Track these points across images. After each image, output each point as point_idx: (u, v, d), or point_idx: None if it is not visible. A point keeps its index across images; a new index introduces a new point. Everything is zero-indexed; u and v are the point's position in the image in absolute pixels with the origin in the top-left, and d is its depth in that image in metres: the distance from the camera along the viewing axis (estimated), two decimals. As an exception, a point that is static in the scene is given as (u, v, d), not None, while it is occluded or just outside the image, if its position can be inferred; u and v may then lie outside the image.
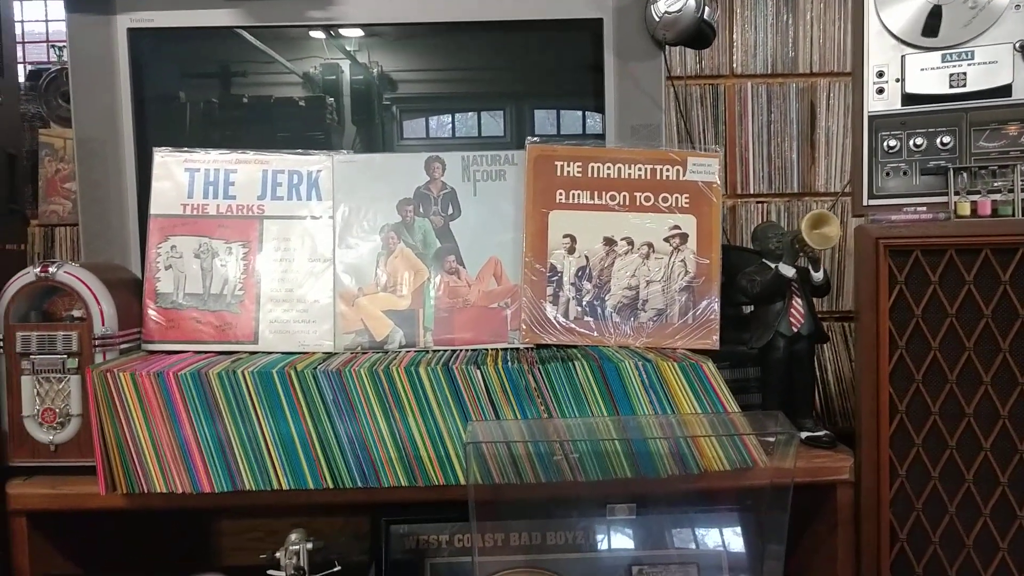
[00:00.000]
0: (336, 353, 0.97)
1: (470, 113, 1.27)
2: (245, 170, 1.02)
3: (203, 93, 1.16)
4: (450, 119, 1.27)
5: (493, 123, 1.24)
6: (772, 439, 0.86)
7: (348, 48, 1.16)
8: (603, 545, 1.04)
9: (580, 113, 1.22)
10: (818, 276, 0.96)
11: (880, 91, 0.92)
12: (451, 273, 1.01)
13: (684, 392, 0.88)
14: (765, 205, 1.44)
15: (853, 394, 1.38)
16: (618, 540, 1.04)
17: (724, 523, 1.02)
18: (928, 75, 0.91)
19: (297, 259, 1.00)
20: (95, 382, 0.85)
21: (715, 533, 1.03)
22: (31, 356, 0.89)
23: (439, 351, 0.97)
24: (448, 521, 1.06)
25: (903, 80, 0.92)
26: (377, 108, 1.18)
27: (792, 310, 0.96)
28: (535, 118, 1.21)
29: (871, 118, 0.93)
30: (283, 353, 0.97)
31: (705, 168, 1.00)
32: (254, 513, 1.18)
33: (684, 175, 1.00)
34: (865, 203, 0.94)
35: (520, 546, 1.04)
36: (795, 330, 0.96)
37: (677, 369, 0.87)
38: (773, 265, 0.96)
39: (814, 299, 0.99)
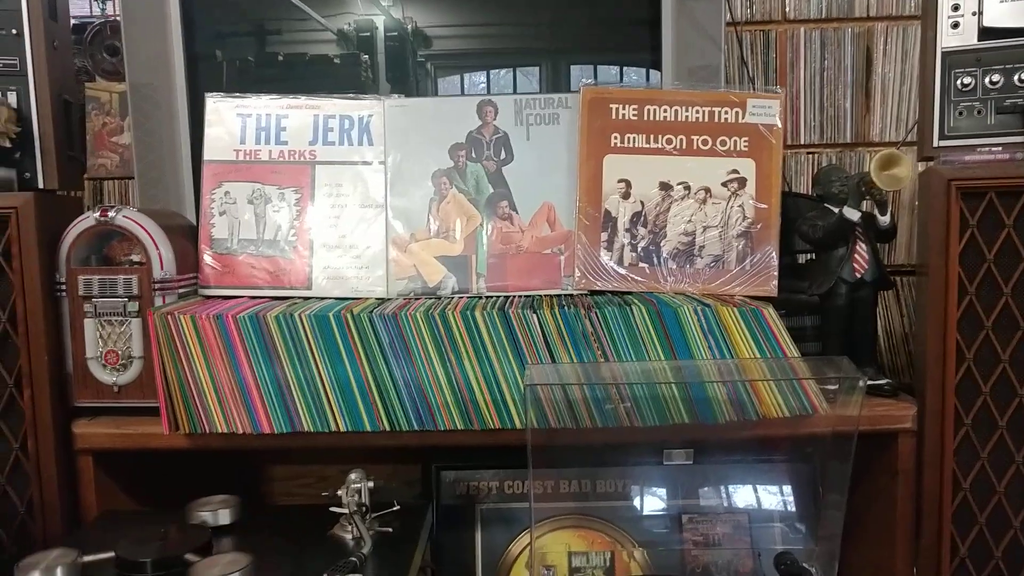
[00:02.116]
0: (389, 299, 0.97)
1: (502, 71, 1.23)
2: (296, 115, 1.01)
3: (240, 51, 1.15)
4: (484, 77, 1.23)
5: (527, 83, 1.21)
6: (834, 386, 0.84)
7: (383, 2, 1.14)
8: (654, 494, 1.04)
9: (618, 69, 1.19)
10: (885, 220, 0.93)
11: (955, 25, 0.88)
12: (504, 219, 1.00)
13: (744, 338, 0.86)
14: (816, 156, 1.40)
15: (904, 348, 1.36)
16: (669, 489, 1.04)
17: (778, 472, 1.02)
18: (1008, 7, 0.86)
19: (349, 205, 1.00)
20: (157, 324, 0.86)
21: (769, 482, 1.02)
22: (93, 299, 0.91)
23: (493, 297, 0.96)
24: (498, 468, 1.06)
25: (980, 13, 0.87)
26: (412, 65, 1.15)
27: (856, 255, 0.94)
28: (571, 74, 1.18)
29: (944, 55, 0.89)
30: (336, 299, 0.97)
31: (766, 110, 0.97)
32: (310, 457, 1.20)
33: (743, 117, 0.97)
34: (935, 145, 0.90)
35: (570, 493, 1.05)
36: (858, 276, 0.94)
37: (737, 314, 0.85)
38: (836, 210, 0.94)
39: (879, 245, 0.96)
